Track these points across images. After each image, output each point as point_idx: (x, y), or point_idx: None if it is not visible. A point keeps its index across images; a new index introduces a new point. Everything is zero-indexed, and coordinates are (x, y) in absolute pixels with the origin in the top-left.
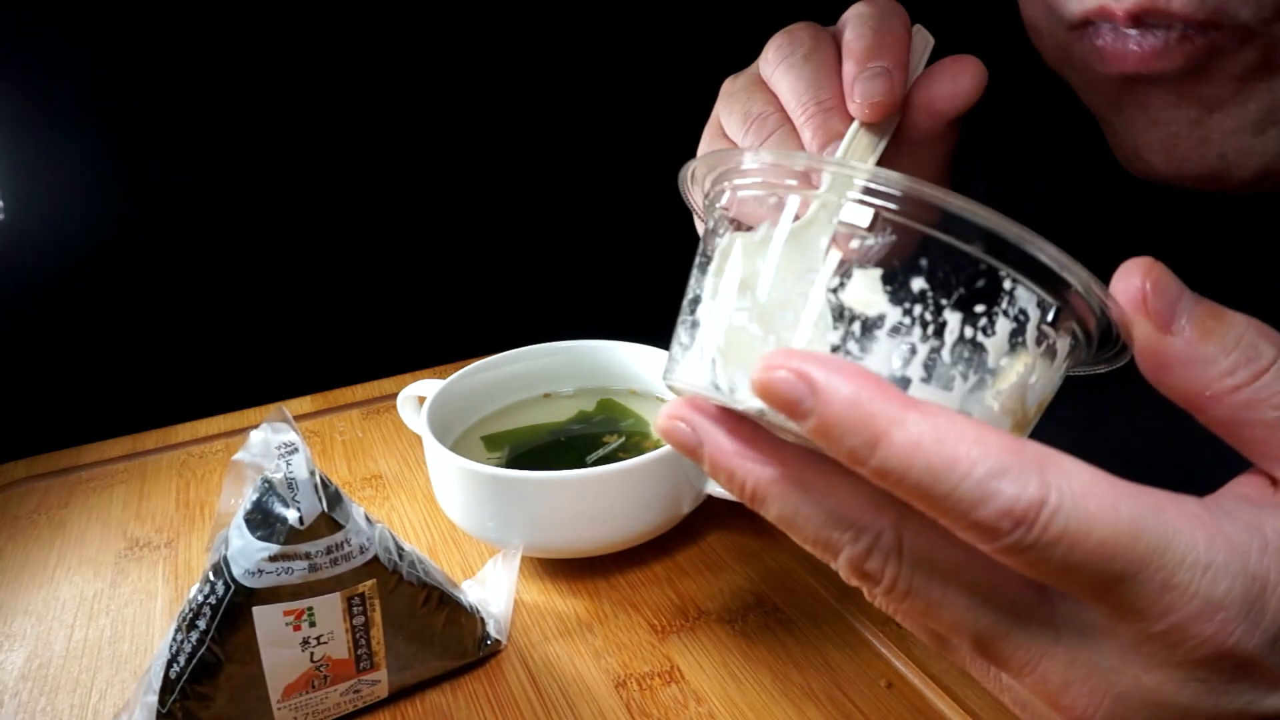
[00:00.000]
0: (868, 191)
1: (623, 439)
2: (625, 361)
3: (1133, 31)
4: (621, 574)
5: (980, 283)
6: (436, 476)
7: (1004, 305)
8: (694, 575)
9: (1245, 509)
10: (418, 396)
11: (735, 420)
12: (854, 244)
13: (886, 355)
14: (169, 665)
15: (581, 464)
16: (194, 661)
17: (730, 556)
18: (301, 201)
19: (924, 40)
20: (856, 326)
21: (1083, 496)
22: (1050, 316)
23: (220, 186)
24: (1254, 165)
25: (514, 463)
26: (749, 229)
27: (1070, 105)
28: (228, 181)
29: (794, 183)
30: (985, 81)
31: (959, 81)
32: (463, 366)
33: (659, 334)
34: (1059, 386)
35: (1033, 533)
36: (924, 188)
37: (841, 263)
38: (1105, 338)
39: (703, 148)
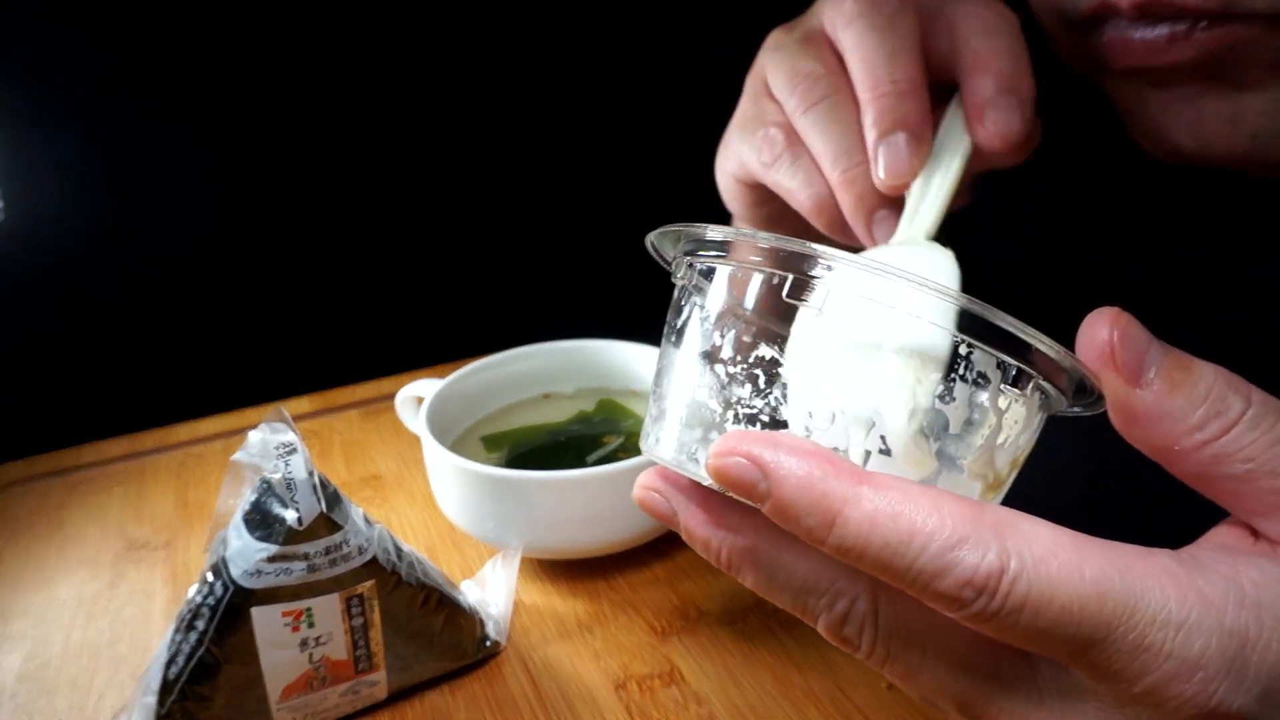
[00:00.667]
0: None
1: (623, 439)
2: (625, 361)
3: (1139, 26)
4: (621, 575)
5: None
6: (435, 477)
7: (960, 370)
8: (694, 576)
9: (1222, 560)
10: (416, 397)
11: (708, 492)
12: (803, 314)
13: (843, 429)
14: (167, 666)
15: (581, 464)
16: (192, 662)
17: None
18: (301, 202)
19: None
20: (817, 404)
21: (1043, 561)
22: (1011, 377)
23: (220, 186)
24: None
25: (513, 463)
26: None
27: (1072, 104)
28: (227, 181)
29: (756, 259)
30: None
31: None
32: (462, 366)
33: (659, 334)
34: (1035, 440)
35: (995, 601)
36: (874, 269)
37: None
38: (1080, 388)
39: (744, 105)
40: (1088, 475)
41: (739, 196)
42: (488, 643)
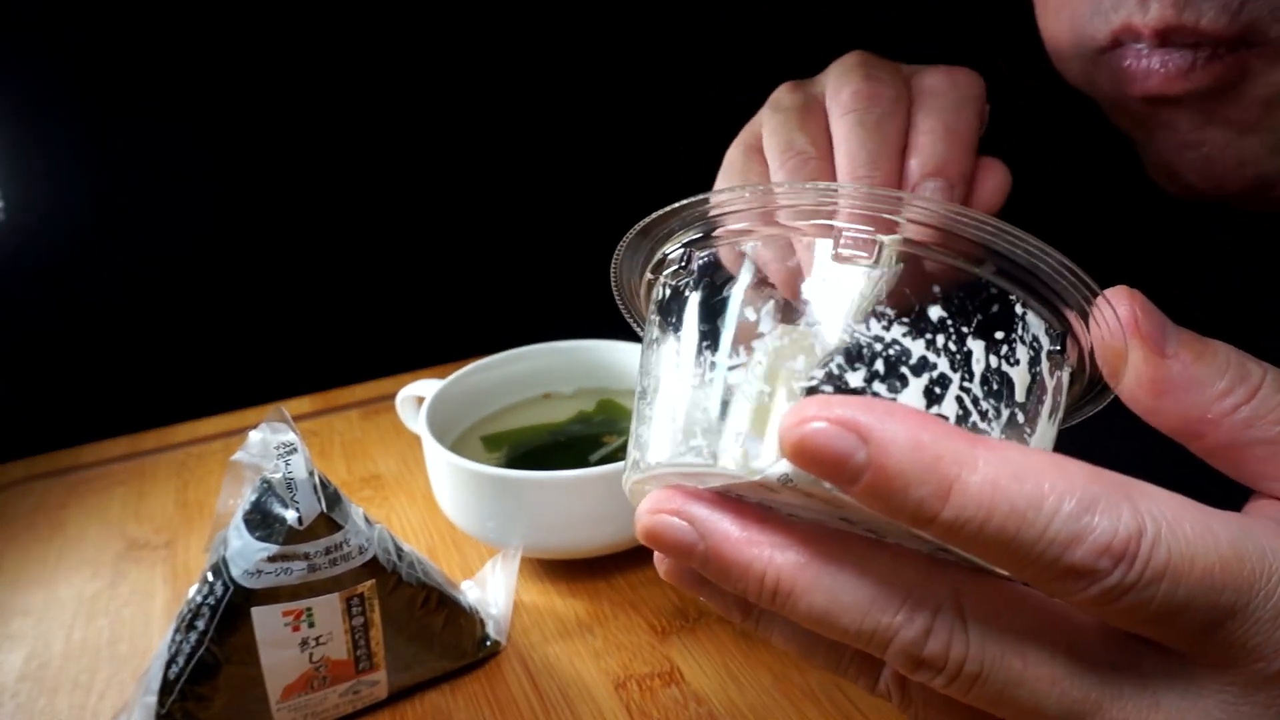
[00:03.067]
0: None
1: (624, 439)
2: (625, 361)
3: (1159, 53)
4: (621, 574)
5: (995, 308)
6: (435, 477)
7: (1019, 332)
8: None
9: None
10: (417, 397)
11: (740, 507)
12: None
13: (917, 394)
14: (168, 666)
15: (581, 464)
16: (193, 662)
17: None
18: (301, 202)
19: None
20: (880, 365)
21: (1178, 523)
22: (1057, 345)
23: (220, 186)
24: None
25: (513, 463)
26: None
27: (1079, 128)
28: (227, 181)
29: (828, 224)
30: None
31: (995, 184)
32: (462, 366)
33: None
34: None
35: (1133, 570)
36: (947, 211)
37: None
38: (1090, 383)
39: (734, 154)
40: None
41: None
42: (488, 642)
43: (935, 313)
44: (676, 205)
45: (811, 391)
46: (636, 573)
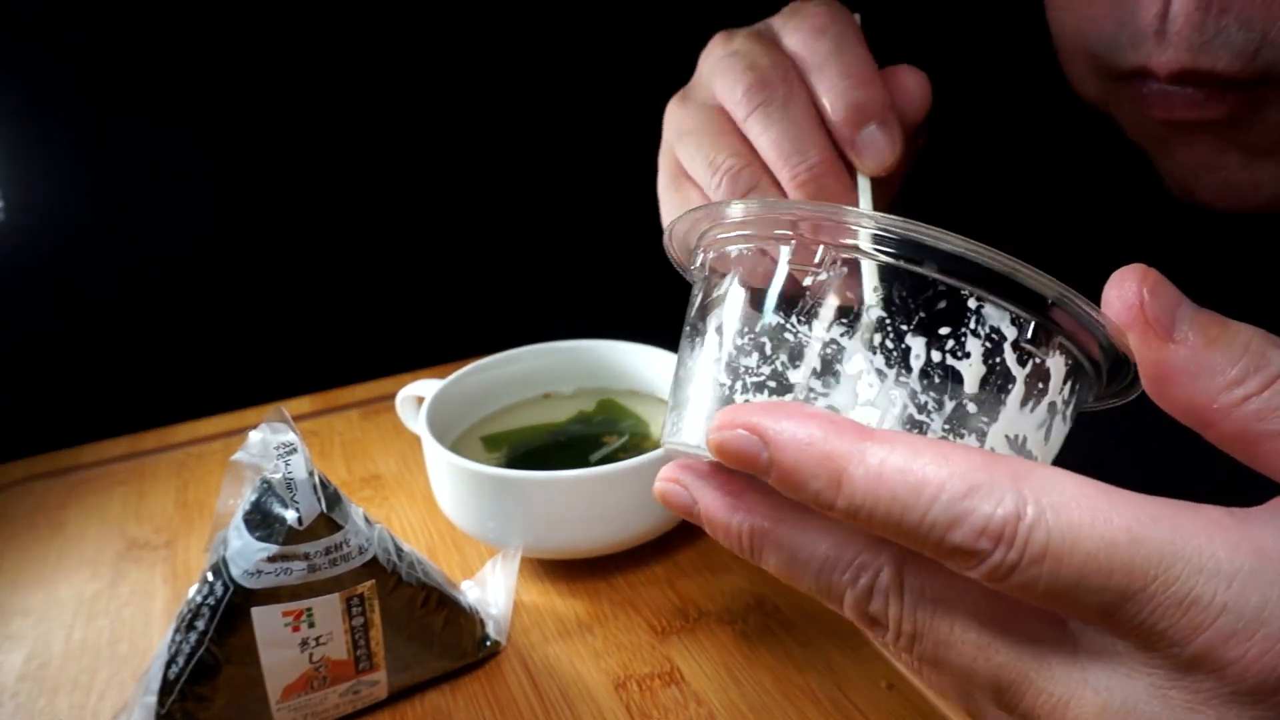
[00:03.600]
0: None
1: (625, 439)
2: (625, 361)
3: (1180, 86)
4: (621, 574)
5: (941, 304)
6: (436, 477)
7: (971, 325)
8: (694, 576)
9: (1278, 516)
10: (417, 397)
11: (727, 475)
12: (806, 281)
13: (848, 390)
14: (168, 666)
15: (581, 464)
16: (193, 662)
17: (730, 557)
18: (301, 201)
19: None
20: (817, 363)
21: (1064, 508)
22: (1029, 334)
23: (220, 186)
24: None
25: (514, 463)
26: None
27: (1080, 128)
28: (227, 181)
29: (782, 232)
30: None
31: (913, 88)
32: (462, 366)
33: (659, 334)
34: (1071, 420)
35: (1013, 551)
36: (875, 218)
37: (799, 301)
38: (1116, 366)
39: (664, 186)
40: (1126, 473)
41: None
42: (488, 642)
43: (875, 313)
44: (700, 210)
45: (759, 386)
46: (636, 573)
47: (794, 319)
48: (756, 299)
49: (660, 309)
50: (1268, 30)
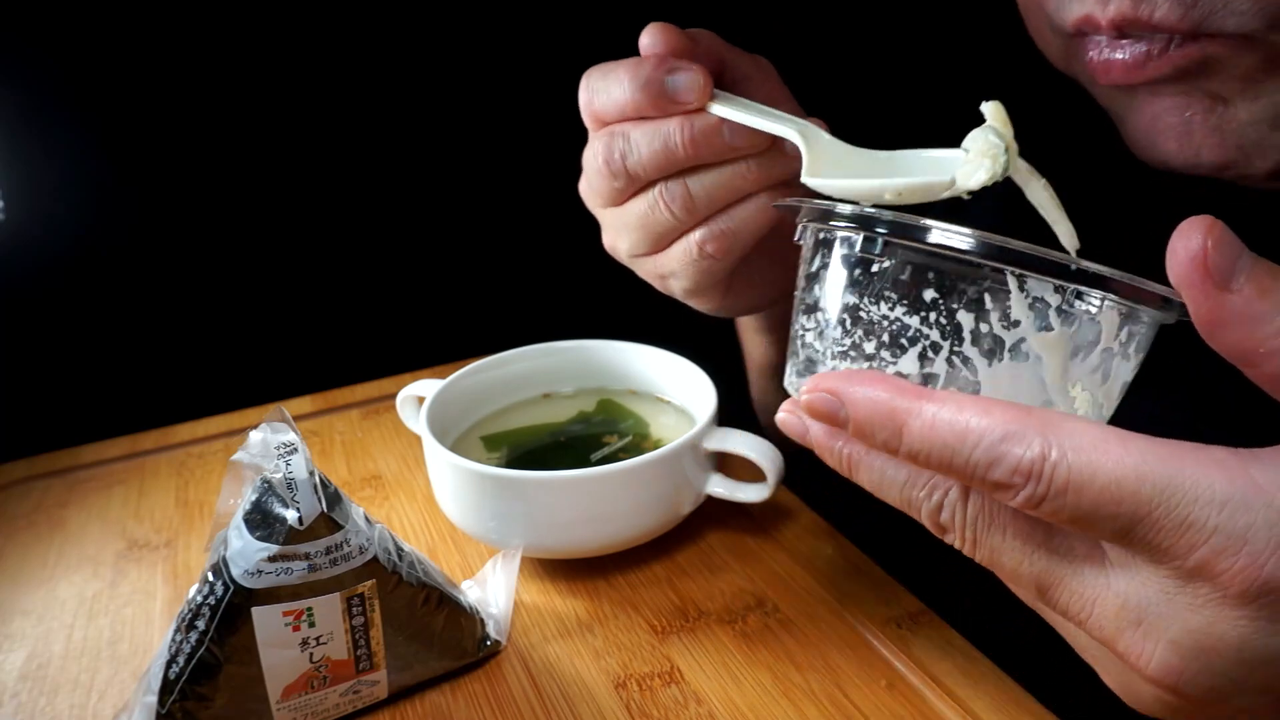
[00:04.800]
0: (883, 228)
1: (628, 439)
2: (625, 361)
3: (1121, 43)
4: (621, 574)
5: (986, 283)
6: (436, 477)
7: (1014, 299)
8: (694, 576)
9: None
10: (417, 396)
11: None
12: (873, 268)
13: (913, 358)
14: (168, 666)
15: (581, 464)
16: (193, 662)
17: (730, 557)
18: (301, 201)
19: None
20: (885, 337)
21: (1084, 450)
22: (1071, 297)
23: (220, 187)
24: (1273, 159)
25: (514, 463)
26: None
27: (1072, 102)
28: (228, 182)
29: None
30: None
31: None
32: (462, 366)
33: (659, 334)
34: (1142, 350)
35: (1040, 485)
36: (929, 224)
37: (870, 285)
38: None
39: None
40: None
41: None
42: (488, 642)
43: (929, 295)
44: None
45: (843, 355)
46: (636, 573)
47: (865, 300)
48: (837, 281)
49: (660, 309)
50: None
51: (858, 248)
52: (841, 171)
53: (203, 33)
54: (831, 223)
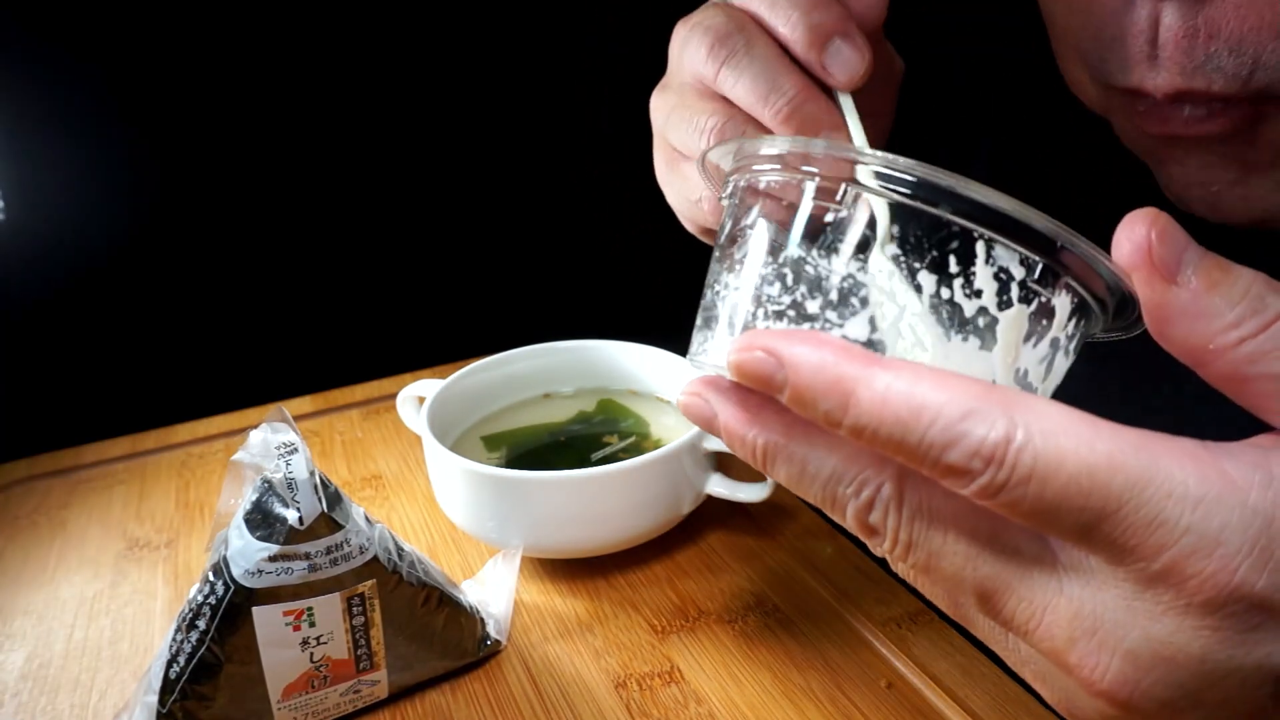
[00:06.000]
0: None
1: (631, 439)
2: (625, 361)
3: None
4: (621, 574)
5: (954, 244)
6: (436, 477)
7: (980, 265)
8: (694, 575)
9: (1251, 450)
10: (417, 396)
11: (746, 393)
12: (828, 217)
13: (862, 321)
14: (169, 665)
15: (581, 464)
16: (194, 662)
17: (730, 556)
18: (302, 202)
19: None
20: (834, 295)
21: (1051, 434)
22: (1037, 274)
23: (221, 187)
24: None
25: (514, 463)
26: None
27: (1073, 141)
28: (228, 182)
29: (808, 169)
30: None
31: None
32: (462, 366)
33: (659, 334)
34: (1074, 354)
35: (1002, 471)
36: (895, 160)
37: (821, 236)
38: (1123, 303)
39: (662, 174)
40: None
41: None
42: (488, 642)
43: (890, 250)
44: (738, 143)
45: (780, 314)
46: (636, 573)
47: (815, 253)
48: (781, 232)
49: (660, 309)
50: (1260, 54)
51: (810, 195)
52: None
53: (203, 34)
54: (804, 167)
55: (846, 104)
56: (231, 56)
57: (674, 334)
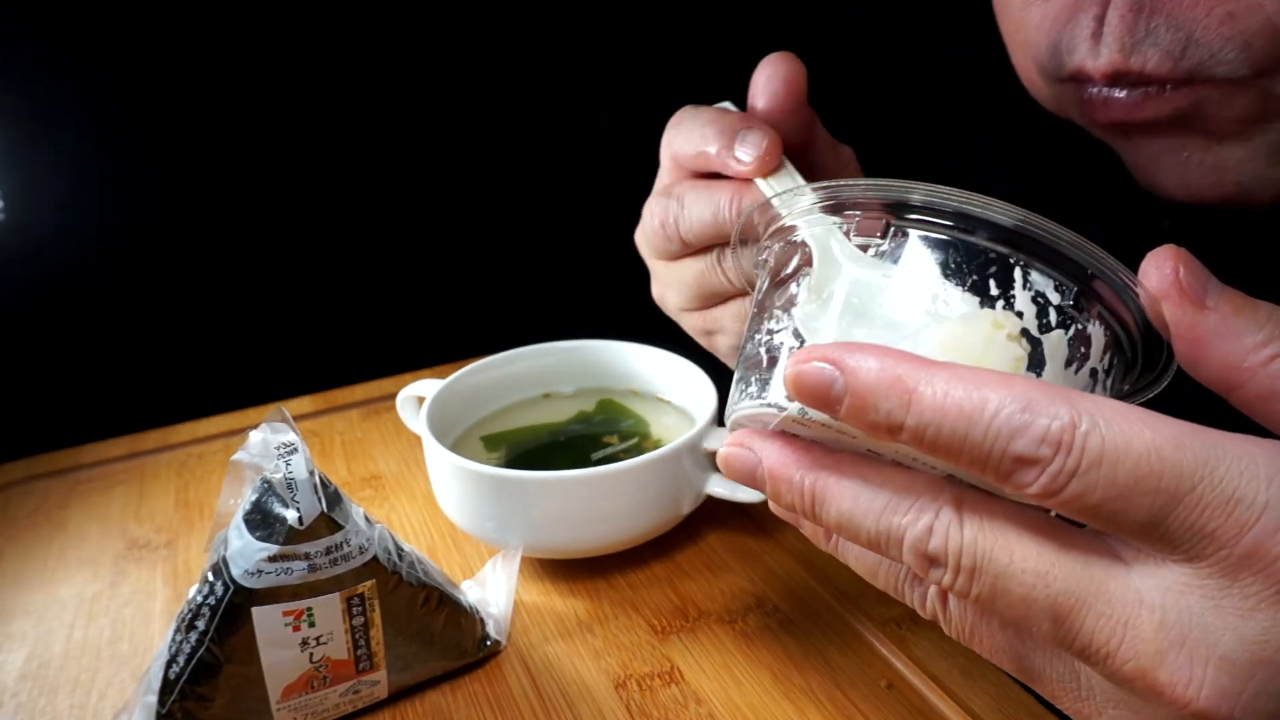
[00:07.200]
0: (886, 207)
1: (631, 439)
2: (625, 361)
3: (1115, 88)
4: (621, 574)
5: (992, 270)
6: (436, 477)
7: (1017, 289)
8: (694, 576)
9: None
10: (417, 397)
11: (788, 440)
12: (870, 252)
13: (911, 346)
14: (168, 666)
15: (581, 464)
16: (193, 662)
17: (730, 557)
18: (302, 201)
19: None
20: (879, 324)
21: (1114, 419)
22: (1072, 299)
23: (221, 187)
24: (1272, 192)
25: (514, 463)
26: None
27: (1054, 135)
28: (228, 182)
29: (850, 212)
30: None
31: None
32: (462, 366)
33: (659, 334)
34: (1110, 393)
35: (1072, 455)
36: (936, 193)
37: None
38: (1150, 349)
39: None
40: None
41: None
42: (488, 642)
43: (932, 279)
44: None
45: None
46: (636, 573)
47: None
48: (830, 271)
49: (660, 309)
50: (1193, 30)
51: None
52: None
53: (204, 34)
54: (846, 212)
55: (765, 185)
56: (232, 57)
57: (674, 334)
